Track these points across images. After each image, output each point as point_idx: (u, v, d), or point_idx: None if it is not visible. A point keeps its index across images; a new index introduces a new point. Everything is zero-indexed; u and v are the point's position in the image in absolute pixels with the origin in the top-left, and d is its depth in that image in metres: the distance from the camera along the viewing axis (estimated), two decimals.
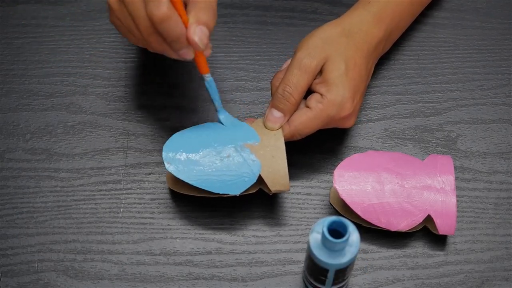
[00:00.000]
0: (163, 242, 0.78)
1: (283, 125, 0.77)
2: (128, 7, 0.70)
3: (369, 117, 0.85)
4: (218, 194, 0.75)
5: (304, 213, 0.80)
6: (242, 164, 0.75)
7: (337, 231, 0.68)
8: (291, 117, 0.77)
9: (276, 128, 0.77)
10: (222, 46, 0.90)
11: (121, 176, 0.82)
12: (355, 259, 0.70)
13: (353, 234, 0.68)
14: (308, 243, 0.69)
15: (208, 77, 0.76)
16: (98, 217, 0.79)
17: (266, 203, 0.80)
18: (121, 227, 0.79)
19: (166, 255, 0.77)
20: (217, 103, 0.77)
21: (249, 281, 0.76)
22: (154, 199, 0.80)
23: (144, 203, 0.80)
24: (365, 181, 0.77)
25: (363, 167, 0.77)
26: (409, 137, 0.84)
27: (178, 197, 0.80)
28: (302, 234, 0.79)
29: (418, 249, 0.78)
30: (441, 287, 0.76)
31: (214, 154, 0.76)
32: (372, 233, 0.78)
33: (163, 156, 0.75)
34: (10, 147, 0.83)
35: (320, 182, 0.81)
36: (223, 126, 0.78)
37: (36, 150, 0.83)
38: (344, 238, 0.66)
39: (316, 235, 0.68)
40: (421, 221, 0.76)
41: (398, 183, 0.77)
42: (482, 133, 0.85)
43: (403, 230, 0.76)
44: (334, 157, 0.83)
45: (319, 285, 0.72)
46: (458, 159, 0.83)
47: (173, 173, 0.75)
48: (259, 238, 0.78)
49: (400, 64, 0.89)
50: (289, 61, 0.79)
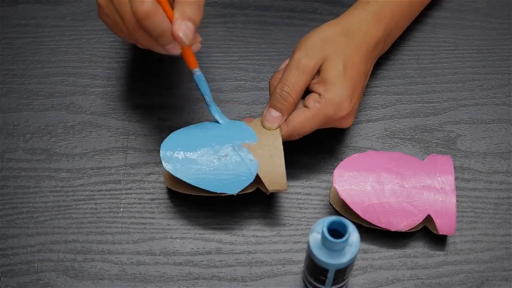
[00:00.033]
0: (163, 242, 0.78)
1: (281, 125, 0.77)
2: (115, 4, 0.71)
3: (369, 117, 0.85)
4: (216, 193, 0.75)
5: (304, 213, 0.80)
6: (240, 163, 0.75)
7: (337, 231, 0.68)
8: (289, 117, 0.77)
9: (274, 128, 0.77)
10: (222, 46, 0.90)
11: (121, 176, 0.82)
12: (355, 259, 0.70)
13: (353, 234, 0.68)
14: (308, 243, 0.69)
15: (197, 72, 0.75)
16: (98, 217, 0.79)
17: (266, 203, 0.80)
18: (121, 227, 0.79)
19: (166, 255, 0.77)
20: (208, 98, 0.77)
21: (249, 281, 0.76)
22: (154, 199, 0.80)
23: (144, 203, 0.80)
24: (365, 181, 0.77)
25: (363, 167, 0.77)
26: (409, 137, 0.84)
27: (178, 197, 0.80)
28: (302, 234, 0.79)
29: (418, 249, 0.78)
30: (441, 287, 0.76)
31: (212, 153, 0.76)
32: (372, 233, 0.78)
33: (161, 155, 0.75)
34: (10, 147, 0.83)
35: (320, 182, 0.81)
36: (221, 125, 0.78)
37: (36, 150, 0.83)
38: (344, 238, 0.66)
39: (316, 235, 0.68)
40: (421, 221, 0.76)
41: (398, 183, 0.77)
42: (482, 133, 0.85)
43: (403, 230, 0.76)
44: (334, 157, 0.83)
45: (319, 285, 0.72)
46: (458, 159, 0.83)
47: (171, 172, 0.75)
48: (259, 238, 0.78)
49: (400, 64, 0.89)
50: (288, 61, 0.79)
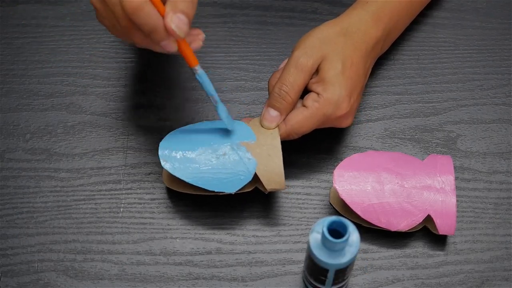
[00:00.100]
0: (163, 242, 0.78)
1: (280, 124, 0.77)
2: (108, 4, 0.69)
3: (369, 117, 0.85)
4: (214, 192, 0.75)
5: (304, 213, 0.80)
6: (238, 162, 0.75)
7: (337, 231, 0.68)
8: (288, 116, 0.77)
9: (273, 127, 0.77)
10: (222, 46, 0.90)
11: (121, 176, 0.82)
12: (355, 259, 0.70)
13: (353, 234, 0.68)
14: (308, 243, 0.69)
15: (198, 70, 0.72)
16: (98, 217, 0.79)
17: (266, 203, 0.80)
18: (121, 227, 0.79)
19: (166, 255, 0.77)
20: (214, 96, 0.74)
21: (249, 281, 0.76)
22: (154, 199, 0.80)
23: (144, 203, 0.80)
24: (365, 181, 0.77)
25: (363, 167, 0.77)
26: (409, 137, 0.84)
27: (178, 197, 0.80)
28: (302, 234, 0.79)
29: (418, 249, 0.78)
30: (441, 287, 0.76)
31: (210, 152, 0.76)
32: (372, 233, 0.78)
33: (159, 154, 0.75)
34: (10, 147, 0.83)
35: (320, 182, 0.81)
36: (220, 124, 0.77)
37: (36, 150, 0.83)
38: (344, 238, 0.66)
39: (316, 235, 0.68)
40: (421, 221, 0.76)
41: (398, 183, 0.77)
42: (482, 133, 0.85)
43: (403, 230, 0.76)
44: (334, 157, 0.83)
45: (319, 285, 0.72)
46: (458, 159, 0.83)
47: (169, 171, 0.75)
48: (259, 238, 0.78)
49: (400, 64, 0.89)
50: (287, 61, 0.79)
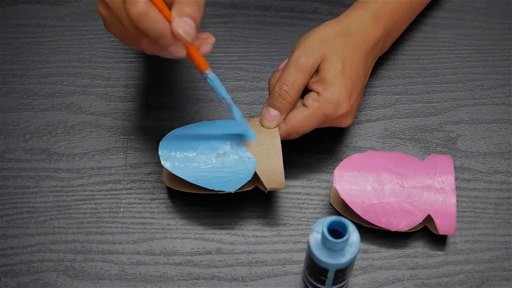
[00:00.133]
0: (163, 242, 0.78)
1: (280, 124, 0.77)
2: (114, 12, 0.69)
3: (369, 117, 0.85)
4: (214, 191, 0.75)
5: (304, 213, 0.80)
6: (238, 162, 0.75)
7: (337, 231, 0.68)
8: (288, 116, 0.77)
9: (273, 127, 0.77)
10: (222, 46, 0.90)
11: (121, 176, 0.82)
12: (355, 259, 0.70)
13: (353, 234, 0.68)
14: (308, 243, 0.69)
15: (209, 74, 0.71)
16: (98, 217, 0.79)
17: (266, 203, 0.80)
18: (121, 227, 0.79)
19: (166, 255, 0.77)
20: (227, 99, 0.73)
21: (249, 281, 0.76)
22: (154, 199, 0.80)
23: (144, 203, 0.80)
24: (365, 181, 0.77)
25: (363, 167, 0.77)
26: (409, 137, 0.84)
27: (178, 197, 0.80)
28: (302, 234, 0.79)
29: (418, 249, 0.78)
30: (441, 287, 0.76)
31: (210, 151, 0.76)
32: (372, 233, 0.78)
33: (159, 153, 0.75)
34: (10, 147, 0.83)
35: (320, 182, 0.81)
36: (220, 124, 0.78)
37: (36, 150, 0.83)
38: (344, 238, 0.66)
39: (316, 235, 0.68)
40: (421, 221, 0.76)
41: (398, 183, 0.77)
42: (482, 133, 0.85)
43: (403, 230, 0.76)
44: (334, 157, 0.83)
45: (319, 285, 0.72)
46: (458, 159, 0.83)
47: (169, 170, 0.75)
48: (259, 238, 0.78)
49: (400, 64, 0.89)
50: (287, 61, 0.79)
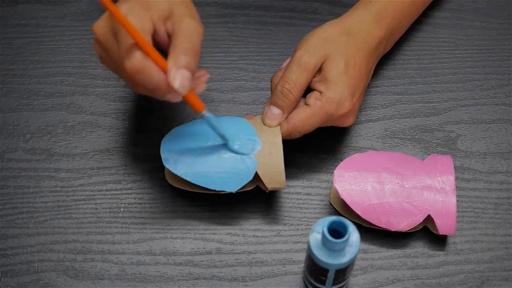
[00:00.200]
0: (163, 242, 0.78)
1: (282, 123, 0.77)
2: (110, 56, 0.70)
3: (369, 117, 0.85)
4: (215, 191, 0.75)
5: (304, 213, 0.80)
6: (239, 161, 0.75)
7: (337, 231, 0.68)
8: (290, 115, 0.77)
9: (275, 125, 0.77)
10: (222, 46, 0.90)
11: (121, 176, 0.82)
12: (355, 259, 0.70)
13: (353, 234, 0.68)
14: (308, 243, 0.69)
15: (205, 114, 0.72)
16: (98, 217, 0.79)
17: (267, 203, 0.80)
18: (121, 227, 0.79)
19: (166, 255, 0.77)
20: (224, 135, 0.74)
21: (249, 281, 0.76)
22: (154, 199, 0.80)
23: (144, 203, 0.80)
24: (365, 181, 0.77)
25: (363, 167, 0.77)
26: (409, 137, 0.84)
27: (178, 197, 0.80)
28: (302, 234, 0.79)
29: (418, 249, 0.78)
30: (441, 287, 0.76)
31: (212, 151, 0.75)
32: (372, 233, 0.78)
33: (161, 152, 0.75)
34: (10, 147, 0.83)
35: (320, 182, 0.81)
36: (221, 122, 0.77)
37: (36, 150, 0.83)
38: (344, 238, 0.66)
39: (316, 235, 0.68)
40: (421, 221, 0.76)
41: (398, 183, 0.77)
42: (482, 133, 0.85)
43: (403, 230, 0.76)
44: (334, 157, 0.83)
45: (319, 285, 0.72)
46: (458, 159, 0.83)
47: (170, 169, 0.75)
48: (259, 238, 0.78)
49: (400, 64, 0.89)
50: (289, 60, 0.79)
